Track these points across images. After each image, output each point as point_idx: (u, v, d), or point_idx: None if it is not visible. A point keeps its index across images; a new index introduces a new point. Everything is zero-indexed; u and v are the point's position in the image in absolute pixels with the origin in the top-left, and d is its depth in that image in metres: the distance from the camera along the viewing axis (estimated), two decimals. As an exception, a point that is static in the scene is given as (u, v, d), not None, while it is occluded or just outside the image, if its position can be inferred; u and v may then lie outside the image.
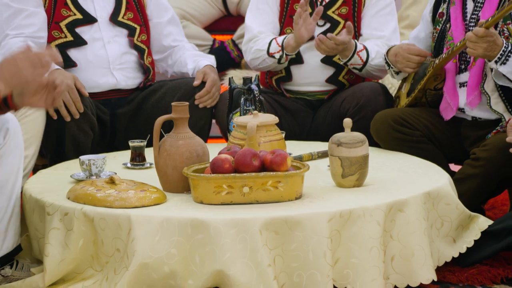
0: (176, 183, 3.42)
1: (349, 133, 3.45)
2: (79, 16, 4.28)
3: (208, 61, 4.44)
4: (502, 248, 3.60)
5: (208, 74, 4.31)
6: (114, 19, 4.35)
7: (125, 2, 4.38)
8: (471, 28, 3.99)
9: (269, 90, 4.53)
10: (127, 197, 3.28)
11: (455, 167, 4.10)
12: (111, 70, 4.33)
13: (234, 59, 5.37)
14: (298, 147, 3.99)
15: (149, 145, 3.82)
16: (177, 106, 3.45)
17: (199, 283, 3.12)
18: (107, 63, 4.32)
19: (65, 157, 4.03)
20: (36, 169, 4.00)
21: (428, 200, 3.39)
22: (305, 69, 4.44)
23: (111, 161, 3.85)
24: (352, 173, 3.43)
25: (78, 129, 4.08)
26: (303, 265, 3.15)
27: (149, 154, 3.70)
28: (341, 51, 4.26)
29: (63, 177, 3.67)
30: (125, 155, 3.94)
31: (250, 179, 3.25)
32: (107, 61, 4.32)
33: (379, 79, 4.56)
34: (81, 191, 3.36)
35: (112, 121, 4.34)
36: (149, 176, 3.58)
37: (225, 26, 5.43)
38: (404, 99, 4.24)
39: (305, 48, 4.42)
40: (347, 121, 3.47)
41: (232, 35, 5.47)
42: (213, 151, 3.50)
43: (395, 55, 4.18)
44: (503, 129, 3.87)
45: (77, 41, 4.27)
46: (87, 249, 3.28)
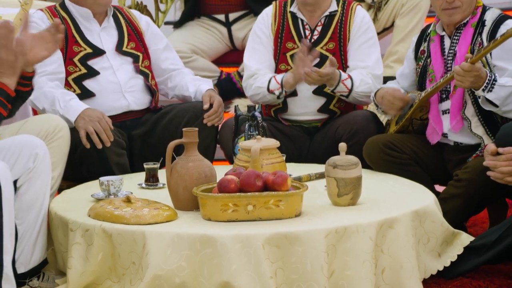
0: (186, 201, 3.41)
1: (344, 156, 3.44)
2: (89, 50, 4.33)
3: (208, 85, 4.49)
4: (482, 262, 3.59)
5: (213, 96, 4.36)
6: (119, 49, 4.40)
7: (126, 34, 4.44)
8: (449, 62, 4.01)
9: (270, 118, 4.53)
10: (142, 215, 3.27)
11: (439, 188, 4.08)
12: (123, 93, 4.37)
13: (239, 89, 5.37)
14: (297, 169, 3.98)
15: (162, 166, 3.81)
16: (188, 131, 3.45)
17: (207, 293, 3.10)
18: (119, 87, 4.36)
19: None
20: (61, 189, 4.00)
21: (415, 217, 3.37)
22: (299, 100, 4.45)
23: (128, 182, 3.84)
24: (347, 193, 3.41)
25: (116, 155, 4.13)
26: (302, 277, 3.13)
27: (162, 175, 3.69)
28: (327, 81, 4.28)
29: (84, 196, 3.66)
30: (140, 176, 3.93)
31: (253, 198, 3.24)
32: (119, 85, 4.36)
33: (367, 104, 4.56)
34: (100, 209, 3.35)
35: (129, 143, 4.36)
36: (161, 195, 3.57)
37: (231, 59, 5.44)
38: (393, 126, 4.24)
39: None
40: (342, 146, 3.46)
41: (237, 67, 5.47)
42: (220, 173, 3.49)
43: (381, 97, 4.20)
44: (481, 153, 3.86)
45: (90, 72, 4.32)
46: (105, 262, 3.26)
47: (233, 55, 5.44)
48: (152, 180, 3.82)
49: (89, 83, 4.31)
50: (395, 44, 5.23)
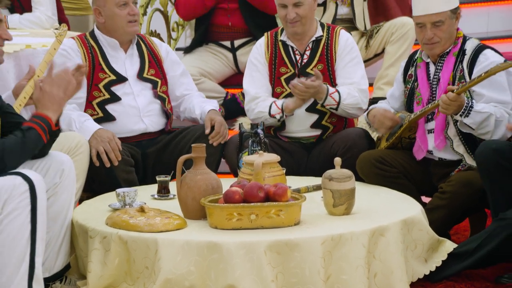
0: (195, 211, 3.41)
1: (339, 170, 3.43)
2: (113, 77, 4.33)
3: (211, 106, 4.47)
4: (464, 267, 3.59)
5: (214, 119, 4.34)
6: (140, 76, 4.38)
7: (147, 61, 4.42)
8: (434, 86, 4.03)
9: (270, 135, 4.53)
10: (154, 223, 3.27)
11: (426, 199, 4.08)
12: (141, 117, 4.35)
13: (243, 108, 5.36)
14: (296, 181, 3.97)
15: (173, 179, 3.81)
16: (196, 147, 3.45)
17: (214, 295, 3.09)
18: (138, 112, 4.35)
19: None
20: (81, 200, 3.99)
21: (404, 226, 3.36)
22: (294, 118, 4.44)
23: (142, 193, 3.83)
24: (341, 203, 3.40)
25: (125, 172, 4.12)
26: (301, 280, 3.12)
27: (173, 187, 3.68)
28: (314, 94, 4.27)
29: (102, 206, 3.66)
30: (153, 188, 3.92)
31: (256, 208, 3.23)
32: (138, 110, 4.34)
33: (357, 117, 4.55)
34: (117, 218, 3.34)
35: (143, 159, 4.35)
36: (172, 205, 3.56)
37: (236, 81, 5.43)
38: (384, 142, 4.23)
39: None
40: (337, 160, 3.46)
41: (241, 88, 5.44)
42: (225, 185, 3.49)
43: (373, 116, 4.20)
44: (463, 167, 3.89)
45: (113, 97, 4.31)
46: (122, 267, 3.26)
47: (237, 78, 5.43)
48: (163, 191, 3.82)
49: (111, 107, 4.31)
50: (386, 68, 5.24)
